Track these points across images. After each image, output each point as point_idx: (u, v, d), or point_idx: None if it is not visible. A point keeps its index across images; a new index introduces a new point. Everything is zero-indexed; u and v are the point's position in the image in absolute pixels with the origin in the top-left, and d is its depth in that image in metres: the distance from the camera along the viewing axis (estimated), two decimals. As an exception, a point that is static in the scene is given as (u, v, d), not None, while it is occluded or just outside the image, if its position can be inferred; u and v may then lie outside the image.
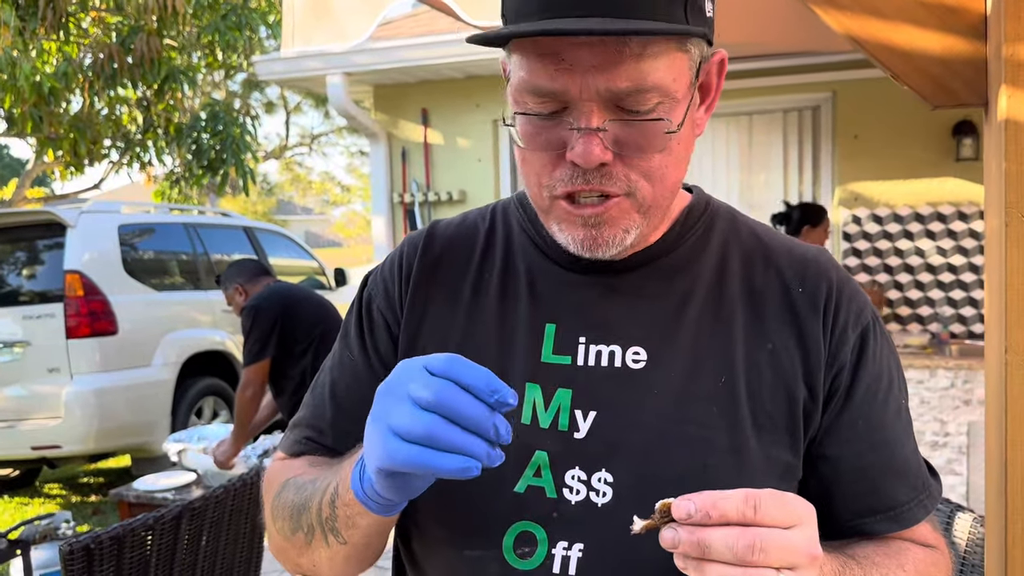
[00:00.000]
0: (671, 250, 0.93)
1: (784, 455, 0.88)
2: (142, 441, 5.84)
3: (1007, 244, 1.10)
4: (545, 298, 0.93)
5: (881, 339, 0.93)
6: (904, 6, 1.20)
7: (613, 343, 0.90)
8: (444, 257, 0.99)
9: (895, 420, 0.93)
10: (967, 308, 5.11)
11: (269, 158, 22.45)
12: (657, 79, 0.77)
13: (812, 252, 0.96)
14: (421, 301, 0.97)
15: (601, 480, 0.86)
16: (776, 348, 0.89)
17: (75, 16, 7.84)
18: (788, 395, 0.88)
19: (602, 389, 0.88)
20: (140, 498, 3.51)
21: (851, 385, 0.90)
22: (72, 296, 5.49)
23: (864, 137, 5.26)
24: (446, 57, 5.68)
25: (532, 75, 0.78)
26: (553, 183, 0.82)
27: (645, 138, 0.79)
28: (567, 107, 0.79)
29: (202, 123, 9.34)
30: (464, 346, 0.93)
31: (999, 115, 1.12)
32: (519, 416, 0.89)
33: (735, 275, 0.93)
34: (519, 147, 0.84)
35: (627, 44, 0.75)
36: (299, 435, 1.03)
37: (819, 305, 0.91)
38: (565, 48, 0.76)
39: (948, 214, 5.12)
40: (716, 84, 0.88)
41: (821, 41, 4.59)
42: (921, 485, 0.94)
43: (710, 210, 0.98)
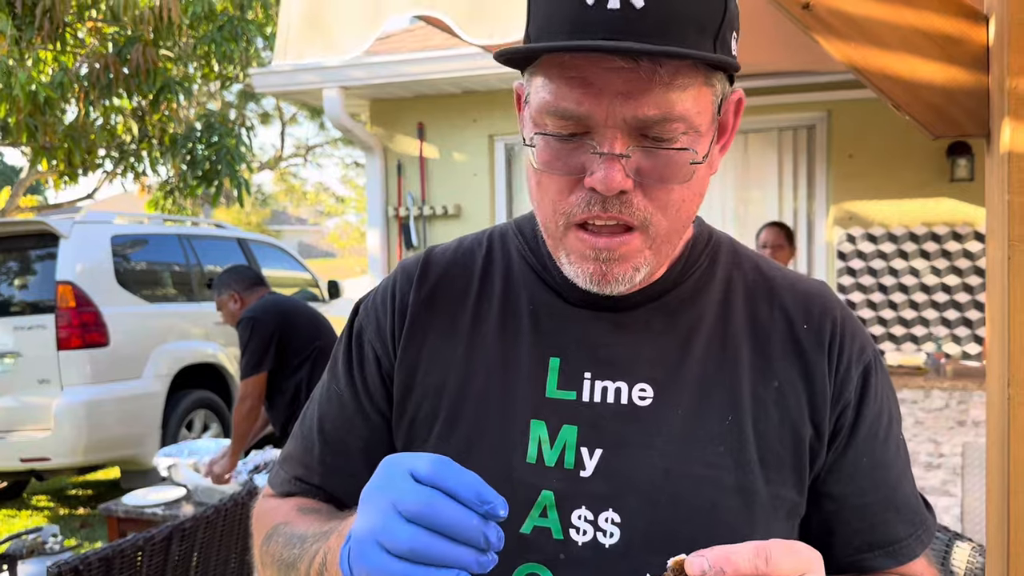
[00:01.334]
0: (677, 285, 0.92)
1: (790, 494, 0.88)
2: (132, 454, 5.80)
3: (1011, 277, 1.09)
4: (549, 331, 0.91)
5: (881, 376, 0.93)
6: (906, 36, 1.20)
7: (619, 379, 0.88)
8: (441, 287, 0.96)
9: (895, 457, 0.93)
10: (961, 328, 5.12)
11: (264, 169, 22.44)
12: (684, 110, 0.76)
13: (815, 288, 0.95)
14: (419, 334, 0.94)
15: (608, 520, 0.84)
16: (782, 386, 0.88)
17: (71, 26, 7.82)
18: (795, 434, 0.87)
19: (609, 426, 0.87)
20: (129, 513, 3.47)
21: (855, 423, 0.90)
22: (64, 307, 5.47)
23: (859, 157, 5.27)
24: (443, 72, 5.68)
25: (557, 97, 0.77)
26: (570, 209, 0.80)
27: (669, 168, 0.78)
28: (589, 131, 0.77)
29: (197, 134, 9.32)
30: (466, 380, 0.91)
31: (1002, 147, 1.11)
32: (524, 455, 0.87)
33: (739, 311, 0.92)
34: (535, 170, 0.82)
35: (656, 72, 0.74)
36: (288, 473, 1.01)
37: (824, 342, 0.90)
38: (594, 72, 0.75)
39: (943, 234, 5.13)
40: (732, 124, 0.88)
41: (817, 61, 4.61)
42: (919, 520, 0.95)
43: (712, 243, 0.96)
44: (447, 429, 0.90)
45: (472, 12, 2.23)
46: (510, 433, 0.88)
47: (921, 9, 1.20)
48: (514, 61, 0.80)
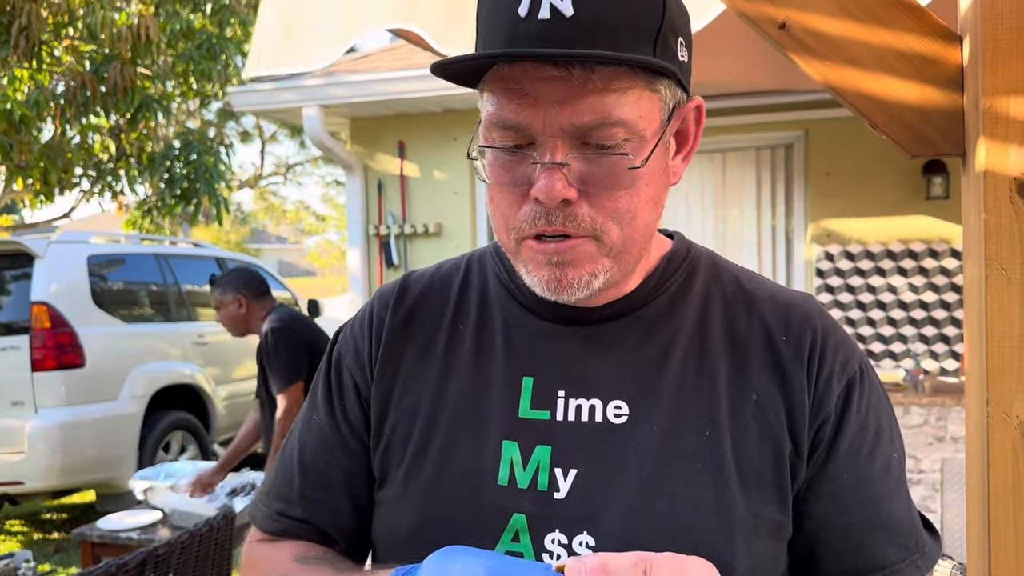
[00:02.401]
0: (651, 299, 0.90)
1: (772, 512, 0.84)
2: (108, 477, 5.72)
3: (987, 297, 1.09)
4: (521, 350, 0.90)
5: (869, 389, 0.90)
6: (882, 56, 1.20)
7: (593, 397, 0.86)
8: (417, 311, 0.96)
9: (883, 474, 0.89)
10: (939, 345, 5.15)
11: (244, 187, 22.35)
12: (623, 115, 0.75)
13: (797, 298, 0.93)
14: (394, 358, 0.93)
15: (583, 544, 0.82)
16: (761, 399, 0.86)
17: (48, 44, 7.77)
18: (775, 449, 0.85)
19: (583, 446, 0.84)
20: (104, 538, 3.41)
21: (835, 437, 0.86)
22: (39, 328, 5.40)
23: (836, 175, 5.32)
24: (423, 91, 5.69)
25: (498, 109, 0.78)
26: (519, 224, 0.80)
27: (611, 176, 0.77)
28: (532, 143, 0.77)
29: (176, 152, 9.27)
30: (439, 403, 0.90)
31: (977, 167, 1.12)
32: (495, 477, 0.85)
33: (717, 324, 0.90)
34: (488, 187, 0.82)
35: (589, 79, 0.74)
36: (271, 509, 0.99)
37: (803, 354, 0.87)
38: (530, 82, 0.75)
39: (919, 251, 5.18)
40: (695, 132, 0.87)
41: (794, 80, 4.66)
42: (914, 544, 0.91)
43: (691, 257, 0.95)
44: (419, 453, 0.89)
45: (448, 25, 2.23)
46: (482, 455, 0.86)
47: (896, 29, 1.21)
48: (463, 79, 0.80)
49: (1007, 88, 1.08)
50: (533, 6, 0.74)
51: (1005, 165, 1.09)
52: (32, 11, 6.78)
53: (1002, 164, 1.09)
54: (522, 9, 0.75)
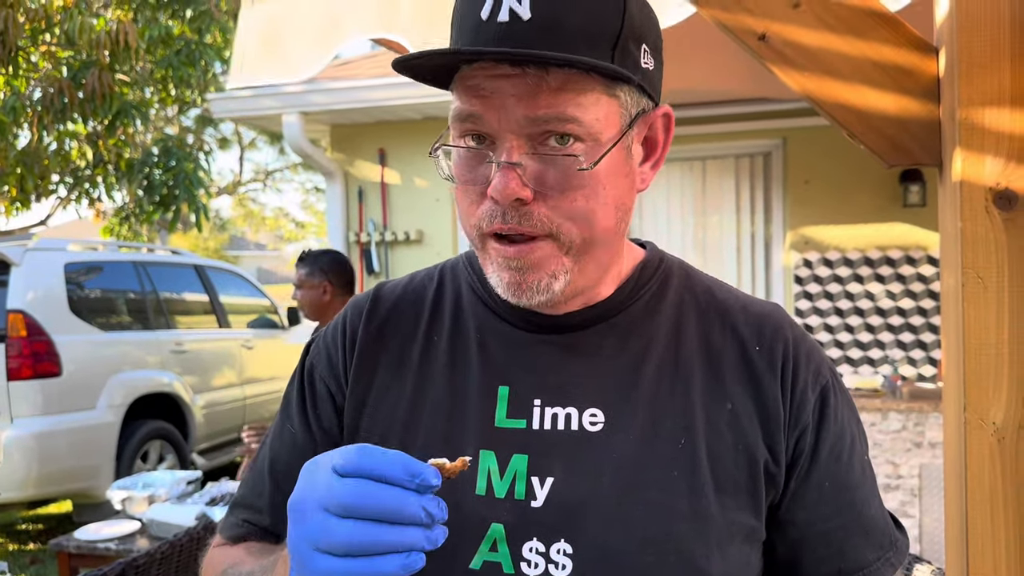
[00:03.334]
0: (625, 307, 0.91)
1: (747, 519, 0.86)
2: (85, 487, 5.65)
3: (964, 305, 1.11)
4: (497, 360, 0.90)
5: (840, 396, 0.92)
6: (860, 67, 1.22)
7: (569, 405, 0.87)
8: (390, 321, 0.96)
9: (860, 479, 0.92)
10: (917, 351, 5.21)
11: (222, 194, 22.22)
12: (578, 114, 0.77)
13: (767, 308, 0.95)
14: (368, 368, 0.94)
15: (560, 552, 0.82)
16: (735, 408, 0.87)
17: (25, 50, 7.71)
18: (750, 457, 0.86)
19: (559, 454, 0.85)
20: (81, 548, 3.37)
21: (815, 447, 0.88)
22: (14, 336, 5.33)
23: (814, 183, 5.36)
24: (404, 98, 5.69)
25: (460, 105, 0.80)
26: (479, 220, 0.82)
27: (564, 176, 0.78)
28: (493, 143, 0.79)
29: (154, 158, 9.21)
30: (414, 414, 0.90)
31: (954, 176, 1.14)
32: (473, 487, 0.85)
33: (691, 333, 0.91)
34: (454, 186, 0.84)
35: (543, 80, 0.76)
36: (237, 517, 0.99)
37: (776, 364, 0.89)
38: (488, 80, 0.78)
39: (897, 258, 5.23)
40: (663, 140, 0.89)
41: (773, 89, 4.70)
42: (888, 542, 0.93)
43: (664, 266, 0.96)
44: None
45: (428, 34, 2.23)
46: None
47: (873, 41, 1.23)
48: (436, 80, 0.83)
49: (982, 99, 1.10)
50: (494, 9, 0.77)
51: (981, 175, 1.11)
52: (9, 16, 6.72)
53: (978, 174, 1.11)
54: (484, 12, 0.78)
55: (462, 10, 0.81)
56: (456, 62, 0.80)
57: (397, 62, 0.79)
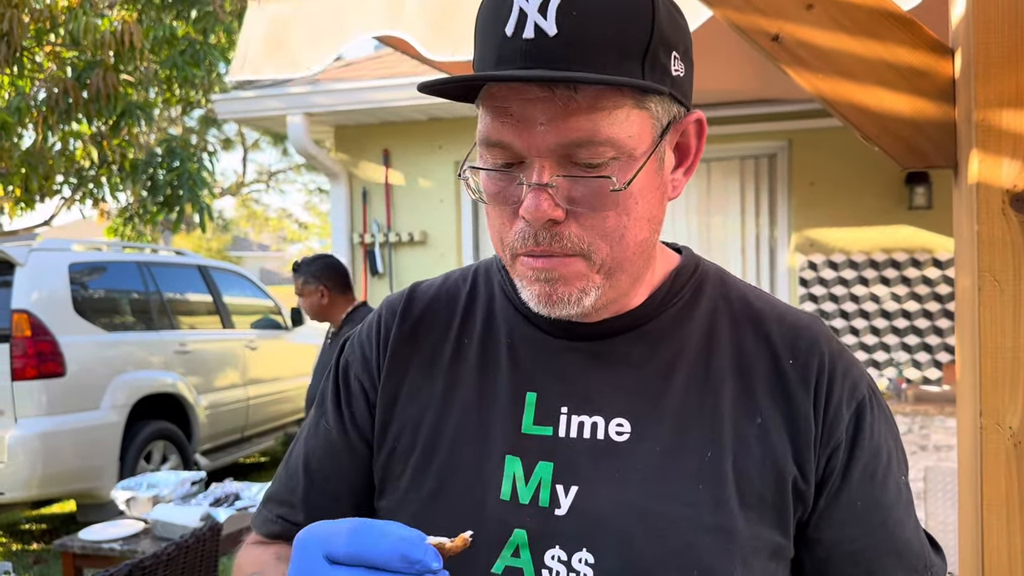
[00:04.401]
0: (656, 315, 0.89)
1: (773, 535, 0.84)
2: (88, 487, 5.65)
3: (980, 308, 1.10)
4: (526, 365, 0.89)
5: (878, 413, 0.88)
6: (874, 68, 1.21)
7: (596, 414, 0.85)
8: (423, 322, 0.96)
9: (895, 499, 0.88)
10: (921, 354, 5.19)
11: (226, 194, 22.25)
12: (611, 133, 0.75)
13: (804, 320, 0.91)
14: (400, 367, 0.94)
15: (582, 561, 0.81)
16: (765, 423, 0.85)
17: (30, 50, 7.72)
18: (777, 473, 0.84)
19: (584, 463, 0.84)
20: (86, 548, 3.37)
21: (848, 465, 0.86)
22: (19, 336, 5.33)
23: (820, 185, 5.35)
24: (408, 99, 5.69)
25: (488, 129, 0.78)
26: (511, 242, 0.80)
27: (597, 197, 0.77)
28: (523, 161, 0.77)
29: (158, 159, 9.21)
30: (442, 415, 0.90)
31: (970, 178, 1.13)
32: (497, 492, 0.85)
33: (724, 343, 0.88)
34: (484, 204, 0.83)
35: (573, 99, 0.74)
36: (271, 512, 0.99)
37: (810, 380, 0.86)
38: (516, 103, 0.76)
39: (902, 261, 5.22)
40: (696, 146, 0.87)
41: (778, 90, 4.69)
42: (922, 566, 0.90)
43: (699, 273, 0.94)
44: (422, 464, 0.89)
45: (433, 30, 2.23)
46: (484, 469, 0.86)
47: (888, 42, 1.22)
48: (459, 96, 0.81)
49: (999, 100, 1.09)
50: (519, 26, 0.74)
51: (998, 177, 1.10)
52: (14, 17, 6.73)
53: (994, 176, 1.10)
54: (508, 28, 0.75)
55: (484, 26, 0.79)
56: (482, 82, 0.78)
57: (424, 87, 0.77)
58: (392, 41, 2.67)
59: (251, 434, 7.68)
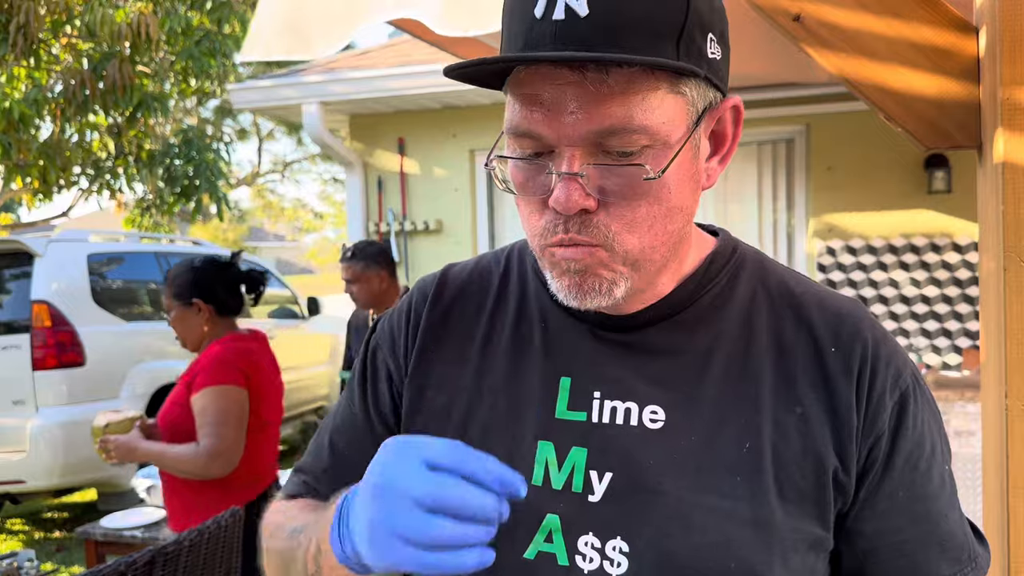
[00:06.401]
0: (691, 302, 0.87)
1: (813, 527, 0.82)
2: (109, 475, 5.70)
3: (1006, 289, 1.09)
4: (559, 350, 0.88)
5: (922, 402, 0.85)
6: (898, 49, 1.20)
7: (629, 400, 0.84)
8: (455, 305, 0.95)
9: (939, 490, 0.86)
10: (941, 339, 5.15)
11: (241, 184, 22.33)
12: (645, 120, 0.72)
13: (847, 307, 0.88)
14: (430, 352, 0.93)
15: (616, 549, 0.80)
16: (806, 412, 0.82)
17: (46, 42, 7.75)
18: (817, 465, 0.81)
19: (619, 449, 0.83)
20: (107, 536, 3.40)
21: (890, 455, 0.83)
22: (39, 327, 5.38)
23: (838, 169, 5.31)
24: (423, 87, 5.68)
25: (517, 117, 0.76)
26: (541, 231, 0.79)
27: (630, 186, 0.75)
28: (553, 150, 0.75)
29: (175, 149, 9.25)
30: (475, 400, 0.89)
31: (995, 158, 1.11)
32: (530, 476, 0.84)
33: (763, 330, 0.86)
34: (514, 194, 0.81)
35: (604, 83, 0.71)
36: (300, 480, 1.02)
37: (853, 368, 0.83)
38: (546, 89, 0.73)
39: (921, 246, 5.17)
40: (733, 133, 0.84)
41: (795, 73, 4.64)
42: (966, 557, 0.87)
43: (736, 258, 0.91)
44: None
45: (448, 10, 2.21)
46: (517, 454, 0.85)
47: (911, 21, 1.20)
48: (486, 82, 0.79)
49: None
50: (548, 7, 0.72)
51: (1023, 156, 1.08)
52: (30, 9, 6.76)
53: (1021, 155, 1.08)
54: (538, 10, 0.73)
55: (512, 7, 0.77)
56: (510, 66, 0.76)
57: (449, 70, 0.75)
58: (406, 25, 2.66)
59: (269, 423, 7.73)
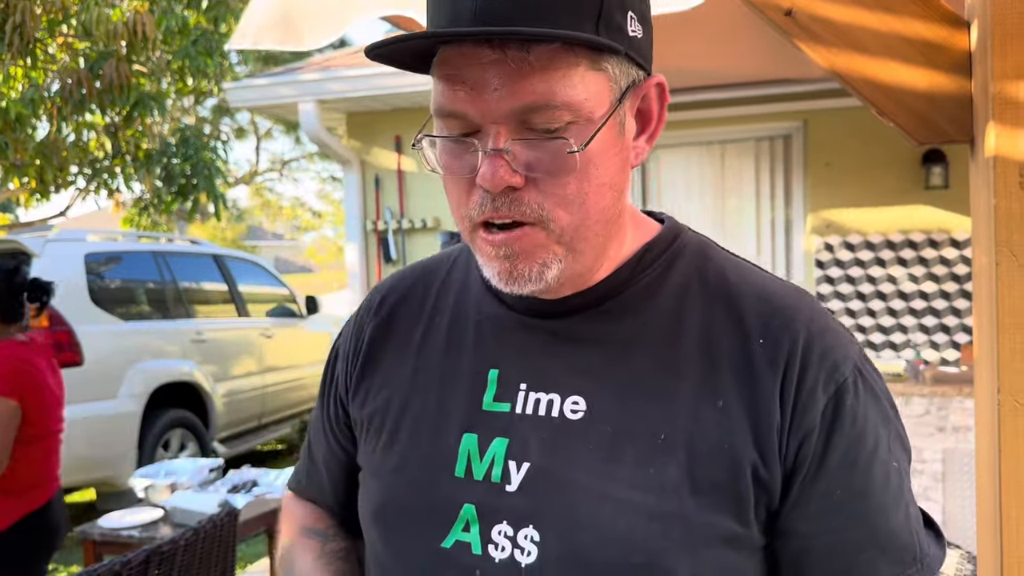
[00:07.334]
0: (620, 291, 0.86)
1: (728, 523, 0.79)
2: (107, 475, 5.70)
3: (997, 283, 1.09)
4: (490, 343, 0.90)
5: (865, 397, 0.82)
6: (889, 43, 1.19)
7: (553, 391, 0.84)
8: (400, 306, 0.99)
9: (882, 488, 0.82)
10: (940, 335, 5.15)
11: (239, 183, 22.30)
12: (566, 96, 0.73)
13: (786, 299, 0.85)
14: (376, 354, 0.97)
15: (528, 538, 0.80)
16: (727, 406, 0.80)
17: (42, 41, 7.73)
18: (734, 459, 0.79)
19: (537, 440, 0.83)
20: (105, 536, 3.40)
21: (824, 452, 0.79)
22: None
23: (835, 165, 5.31)
24: (419, 85, 5.67)
25: (439, 97, 0.77)
26: (469, 211, 0.78)
27: (554, 161, 0.74)
28: (479, 130, 0.76)
29: (172, 148, 9.24)
30: (410, 396, 0.92)
31: (987, 152, 1.11)
32: (452, 469, 0.85)
33: (692, 321, 0.84)
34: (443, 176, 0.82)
35: (525, 60, 0.72)
36: (297, 476, 1.13)
37: (779, 361, 0.80)
38: (468, 68, 0.74)
39: (919, 241, 5.17)
40: (658, 112, 0.84)
41: (792, 69, 4.64)
42: (911, 559, 0.82)
43: (676, 246, 0.90)
44: (389, 442, 0.91)
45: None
46: (442, 447, 0.87)
47: (902, 15, 1.20)
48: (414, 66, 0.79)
49: (1017, 72, 1.07)
50: None
51: (1015, 150, 1.08)
52: (26, 8, 6.75)
53: (1012, 149, 1.08)
54: None
55: None
56: (433, 45, 0.76)
57: (370, 51, 0.75)
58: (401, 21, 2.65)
59: (268, 422, 7.73)
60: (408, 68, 0.80)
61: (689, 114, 5.34)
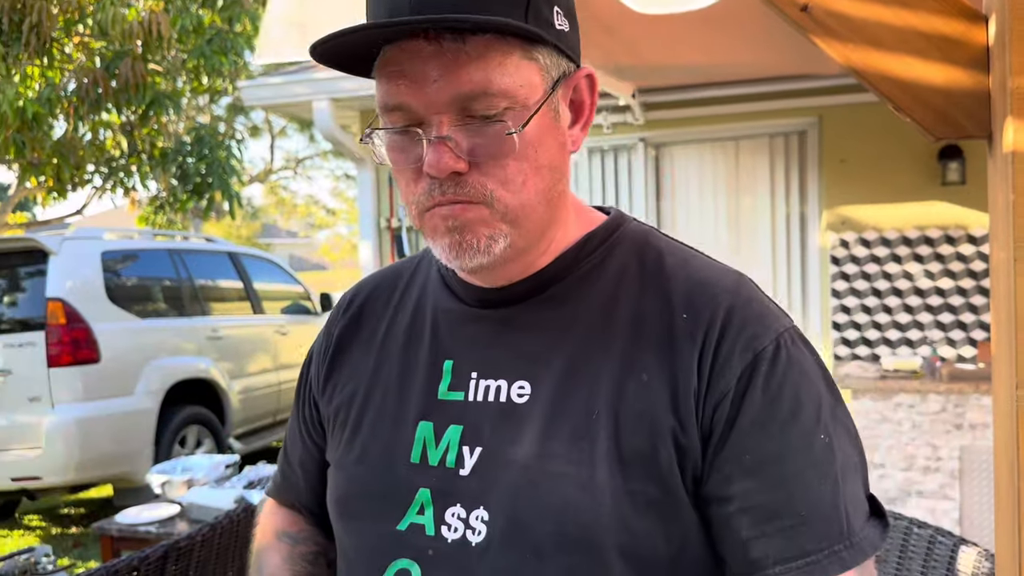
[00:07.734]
0: (564, 277, 0.91)
1: (651, 489, 0.81)
2: (124, 471, 5.74)
3: (1016, 280, 1.08)
4: (445, 335, 0.95)
5: (786, 366, 0.82)
6: (906, 37, 1.19)
7: (501, 377, 0.89)
8: (366, 307, 1.04)
9: (800, 455, 0.81)
10: (956, 332, 5.12)
11: (254, 182, 22.40)
12: (502, 84, 0.78)
13: (715, 278, 0.89)
14: (343, 354, 1.03)
15: (479, 519, 0.85)
16: (650, 379, 0.83)
17: (59, 41, 7.79)
18: (654, 426, 0.82)
19: (489, 425, 0.88)
20: (123, 531, 3.43)
21: (736, 415, 0.81)
22: (54, 324, 5.42)
23: (851, 161, 5.28)
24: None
25: (383, 93, 0.81)
26: (418, 198, 0.83)
27: (494, 143, 0.79)
28: (423, 121, 0.80)
29: (187, 147, 9.29)
30: (370, 391, 0.97)
31: (1005, 147, 1.10)
32: (408, 456, 0.90)
33: (625, 304, 0.88)
34: (392, 170, 0.86)
35: (462, 50, 0.76)
36: (275, 479, 1.16)
37: (698, 332, 0.84)
38: (409, 63, 0.78)
39: (935, 238, 5.14)
40: (589, 101, 0.89)
41: (807, 65, 4.62)
42: (837, 534, 0.80)
43: (618, 234, 0.94)
44: (352, 434, 0.97)
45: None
46: (399, 436, 0.92)
47: (920, 10, 1.19)
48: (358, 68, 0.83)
49: (1036, 67, 1.06)
50: None
51: (1034, 145, 1.07)
52: (42, 8, 6.80)
53: (1031, 145, 1.07)
54: None
55: None
56: (375, 43, 0.80)
57: (313, 50, 0.79)
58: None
59: (283, 418, 7.76)
60: (350, 71, 0.84)
61: (703, 110, 5.32)
